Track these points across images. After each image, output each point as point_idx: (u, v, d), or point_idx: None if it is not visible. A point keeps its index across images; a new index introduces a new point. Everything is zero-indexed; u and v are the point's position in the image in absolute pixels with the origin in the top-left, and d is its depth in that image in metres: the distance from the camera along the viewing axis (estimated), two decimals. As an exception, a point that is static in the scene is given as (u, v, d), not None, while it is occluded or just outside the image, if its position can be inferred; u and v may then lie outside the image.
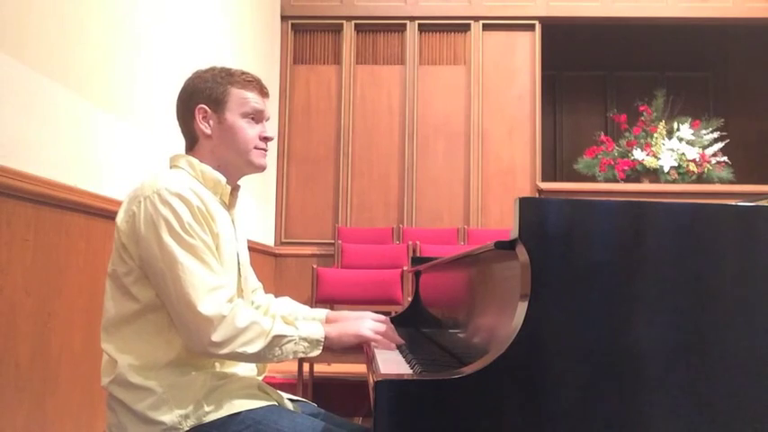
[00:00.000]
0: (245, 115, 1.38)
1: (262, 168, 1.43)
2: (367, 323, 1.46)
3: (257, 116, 1.40)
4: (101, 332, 1.29)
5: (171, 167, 1.39)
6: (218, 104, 1.38)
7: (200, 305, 1.20)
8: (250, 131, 1.39)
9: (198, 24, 3.53)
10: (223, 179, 1.38)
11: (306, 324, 1.34)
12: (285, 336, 1.27)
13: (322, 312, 1.62)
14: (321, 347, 1.32)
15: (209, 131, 1.37)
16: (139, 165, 2.65)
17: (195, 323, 1.20)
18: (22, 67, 1.88)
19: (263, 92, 1.43)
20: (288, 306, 1.64)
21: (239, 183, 1.46)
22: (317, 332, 1.32)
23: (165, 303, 1.24)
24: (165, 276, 1.22)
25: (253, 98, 1.40)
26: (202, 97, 1.38)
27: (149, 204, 1.24)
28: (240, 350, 1.22)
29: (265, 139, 1.41)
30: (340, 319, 1.57)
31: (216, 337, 1.20)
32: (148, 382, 1.22)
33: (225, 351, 1.22)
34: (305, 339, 1.29)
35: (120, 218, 1.28)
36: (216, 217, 1.31)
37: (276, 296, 1.67)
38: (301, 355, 1.29)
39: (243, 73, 1.42)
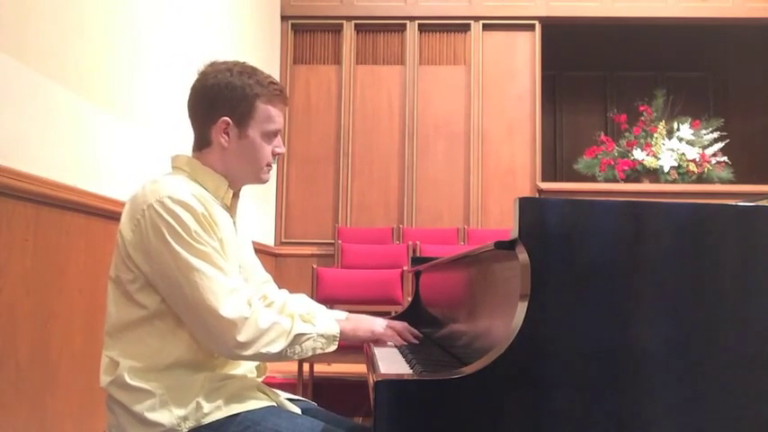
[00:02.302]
0: (266, 134, 1.37)
1: (265, 182, 1.44)
2: (381, 320, 1.50)
3: (276, 134, 1.41)
4: (104, 338, 1.29)
5: (173, 168, 1.39)
6: (242, 119, 1.35)
7: (221, 309, 1.21)
8: (266, 150, 1.38)
9: (198, 24, 3.53)
10: (225, 183, 1.38)
11: (322, 321, 1.36)
12: (305, 334, 1.30)
13: (342, 315, 1.60)
14: (337, 343, 1.35)
15: (226, 144, 1.35)
16: (139, 165, 2.65)
17: (219, 327, 1.21)
18: (22, 67, 1.88)
19: (285, 102, 1.43)
20: (305, 305, 1.62)
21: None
22: (333, 328, 1.35)
23: (179, 310, 1.24)
24: (181, 284, 1.21)
25: (277, 116, 1.39)
26: (228, 108, 1.34)
27: (154, 213, 1.23)
28: (264, 350, 1.24)
29: (276, 155, 1.41)
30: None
31: (241, 337, 1.21)
32: (148, 384, 1.22)
33: (250, 352, 1.23)
34: (322, 336, 1.32)
35: (124, 225, 1.27)
36: (218, 221, 1.31)
37: (291, 292, 1.66)
38: (319, 352, 1.32)
39: (270, 82, 1.38)
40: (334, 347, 1.34)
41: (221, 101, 1.34)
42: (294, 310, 1.36)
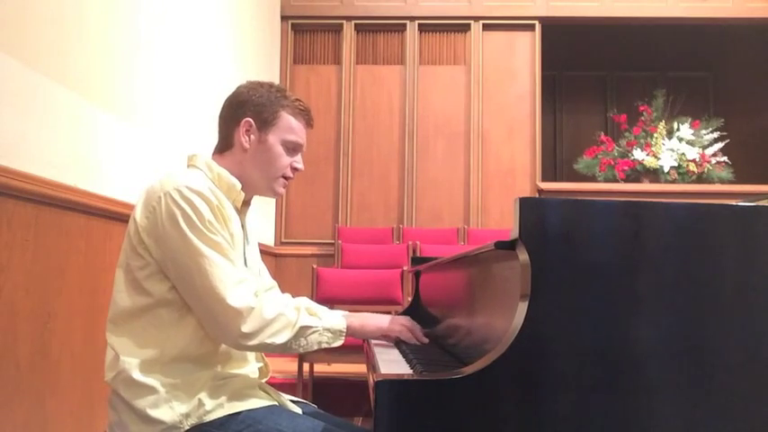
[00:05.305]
0: (285, 143, 1.41)
1: (278, 196, 1.47)
2: (387, 316, 1.51)
3: (296, 148, 1.43)
4: (107, 323, 1.30)
5: (188, 167, 1.41)
6: (265, 123, 1.40)
7: (228, 297, 1.22)
8: (284, 160, 1.41)
9: (198, 24, 3.53)
10: (239, 185, 1.40)
11: (329, 315, 1.37)
12: (310, 327, 1.31)
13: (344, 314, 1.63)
14: (343, 338, 1.36)
15: (247, 146, 1.39)
16: (139, 165, 2.65)
17: (224, 315, 1.22)
18: (22, 67, 1.88)
19: (309, 123, 1.46)
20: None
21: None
22: (340, 323, 1.36)
23: (187, 297, 1.25)
24: (191, 270, 1.23)
25: (299, 129, 1.43)
26: (253, 111, 1.40)
27: (170, 200, 1.25)
28: (269, 341, 1.25)
29: (294, 170, 1.44)
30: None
31: (246, 328, 1.22)
32: (151, 380, 1.22)
33: (254, 342, 1.24)
34: (328, 330, 1.34)
35: (138, 213, 1.29)
36: (230, 218, 1.33)
37: (293, 296, 1.67)
38: (325, 346, 1.33)
39: (297, 99, 1.44)
40: (340, 342, 1.35)
41: (249, 104, 1.40)
42: (300, 304, 1.37)
